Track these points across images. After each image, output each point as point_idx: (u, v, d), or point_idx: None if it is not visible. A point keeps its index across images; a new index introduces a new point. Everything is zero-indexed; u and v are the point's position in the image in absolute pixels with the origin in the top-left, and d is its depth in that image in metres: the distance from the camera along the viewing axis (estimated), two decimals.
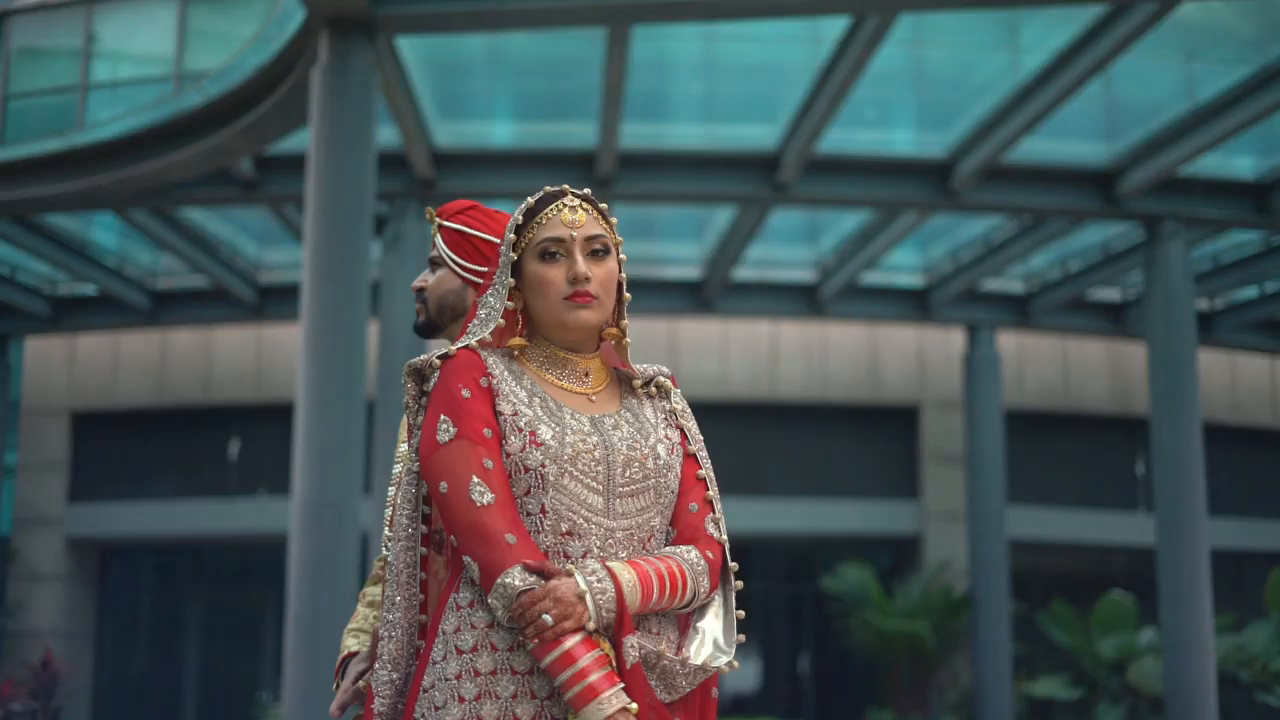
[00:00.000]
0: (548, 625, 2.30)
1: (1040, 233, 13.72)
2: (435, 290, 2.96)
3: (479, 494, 2.39)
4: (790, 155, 11.80)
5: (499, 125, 13.11)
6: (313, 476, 8.48)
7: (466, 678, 2.37)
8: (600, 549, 2.44)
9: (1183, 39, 10.98)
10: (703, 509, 2.59)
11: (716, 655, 2.48)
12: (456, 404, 2.46)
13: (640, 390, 2.67)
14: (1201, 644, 11.78)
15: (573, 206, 2.58)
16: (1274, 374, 18.93)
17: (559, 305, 2.54)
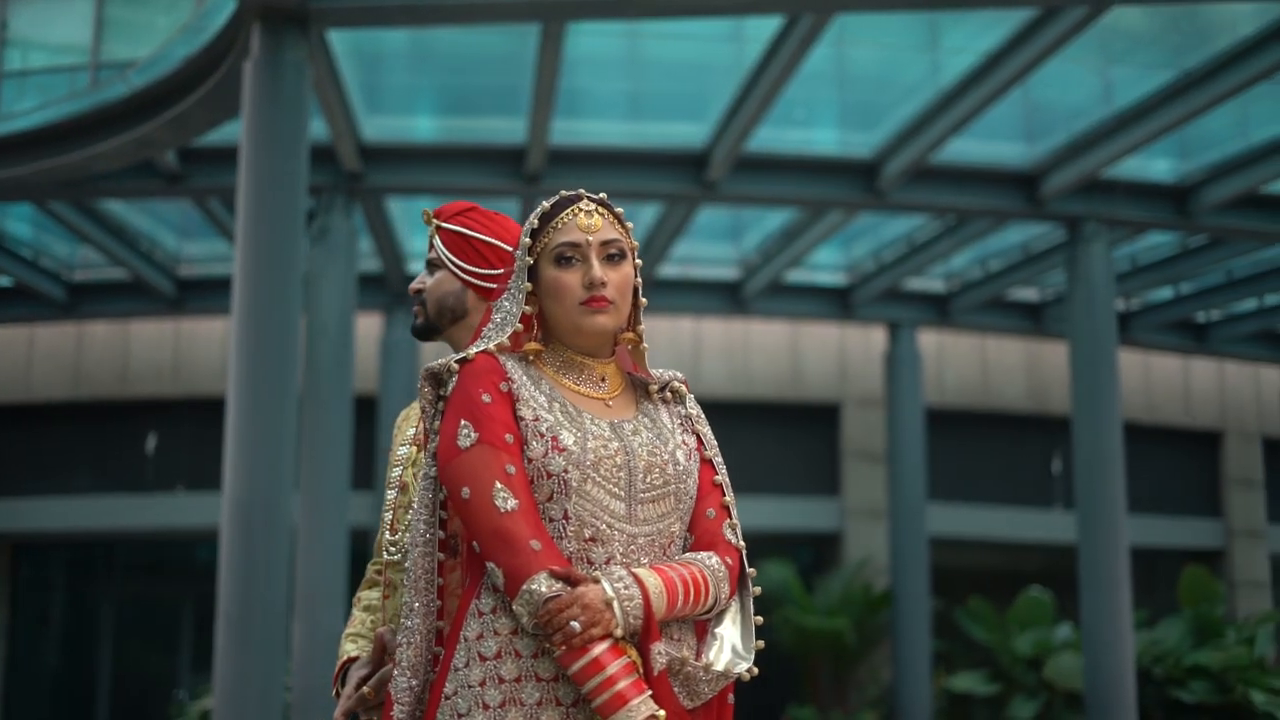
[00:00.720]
0: (575, 632, 2.30)
1: (962, 233, 13.84)
2: (434, 292, 2.95)
3: (502, 500, 2.37)
4: (719, 154, 11.83)
5: (427, 119, 13.04)
6: (243, 472, 8.40)
7: (490, 684, 2.36)
8: (623, 555, 2.44)
9: (1105, 44, 11.13)
10: (720, 515, 2.60)
11: (736, 661, 2.50)
12: (477, 409, 2.45)
13: (655, 395, 2.67)
14: (1120, 641, 11.94)
15: (588, 211, 2.59)
16: (1187, 374, 19.23)
17: (575, 310, 2.54)
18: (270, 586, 8.33)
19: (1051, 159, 12.39)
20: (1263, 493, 19.36)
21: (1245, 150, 12.26)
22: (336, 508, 11.61)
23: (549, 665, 2.36)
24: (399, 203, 13.58)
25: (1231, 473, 19.21)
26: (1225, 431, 19.36)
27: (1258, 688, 14.65)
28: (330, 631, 11.48)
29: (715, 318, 17.28)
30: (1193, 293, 16.68)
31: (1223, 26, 10.81)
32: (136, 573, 19.16)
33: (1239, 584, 18.90)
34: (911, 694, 15.44)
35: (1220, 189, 12.55)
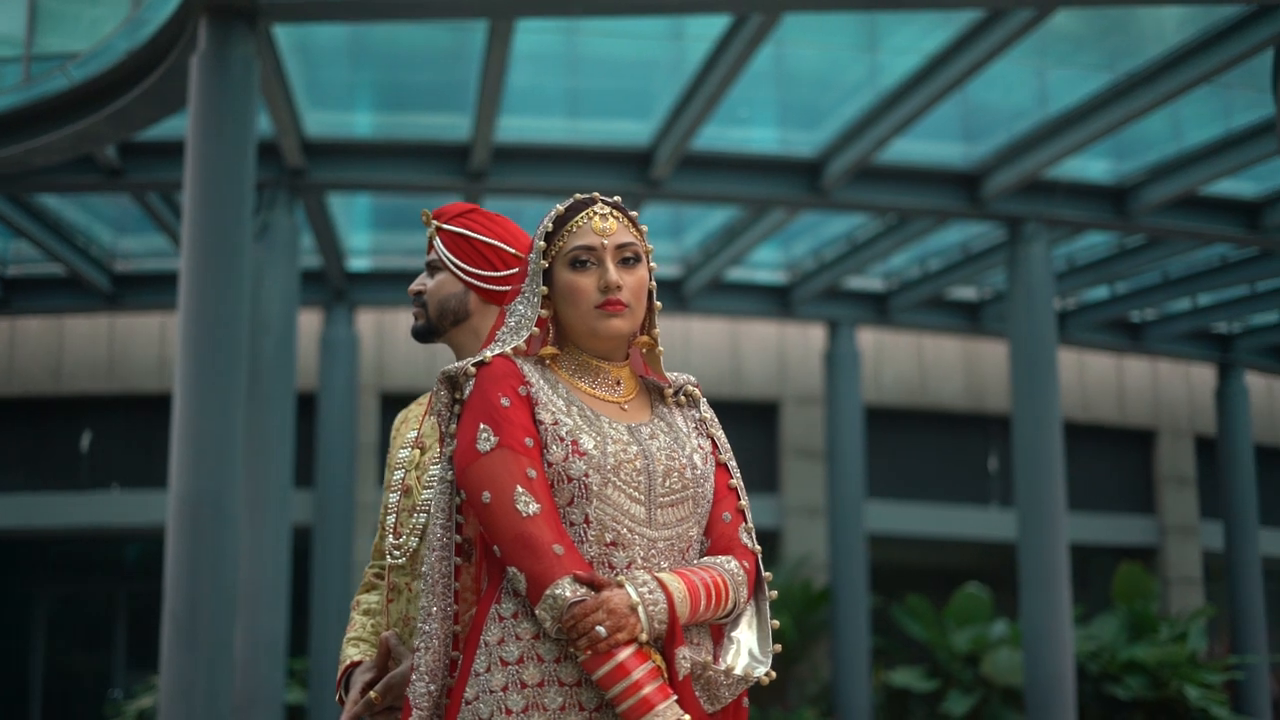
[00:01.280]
0: (601, 637, 2.29)
1: (903, 232, 13.92)
2: (436, 294, 2.92)
3: (524, 504, 2.36)
4: (664, 152, 11.84)
5: (370, 115, 12.97)
6: (190, 469, 8.32)
7: (513, 689, 2.35)
8: (643, 559, 2.44)
9: (1044, 47, 11.22)
10: (736, 518, 2.60)
11: (754, 665, 2.50)
12: (496, 413, 2.44)
13: (670, 399, 2.67)
14: (1060, 637, 12.04)
15: (603, 214, 2.57)
16: (1120, 373, 19.43)
17: (591, 314, 2.53)
18: (217, 585, 8.26)
19: (992, 160, 12.49)
20: (1195, 490, 19.60)
21: (1182, 152, 12.40)
22: (279, 506, 11.54)
23: (572, 670, 2.35)
24: (339, 198, 13.50)
25: (1164, 470, 19.44)
26: (1158, 430, 19.59)
27: (1192, 683, 14.87)
28: (272, 631, 11.42)
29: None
30: (1128, 292, 16.86)
31: (1158, 30, 10.94)
32: (70, 571, 18.95)
33: (1172, 580, 19.13)
34: (850, 690, 15.53)
35: (1158, 190, 12.70)
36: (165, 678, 8.25)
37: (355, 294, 15.52)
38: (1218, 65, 10.31)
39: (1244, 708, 16.67)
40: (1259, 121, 11.78)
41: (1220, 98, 11.92)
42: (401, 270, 15.98)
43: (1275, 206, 13.27)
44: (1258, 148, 11.87)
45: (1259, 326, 18.32)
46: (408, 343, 17.12)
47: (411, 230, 16.00)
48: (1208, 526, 19.47)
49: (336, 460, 14.94)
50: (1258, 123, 11.79)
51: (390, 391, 17.06)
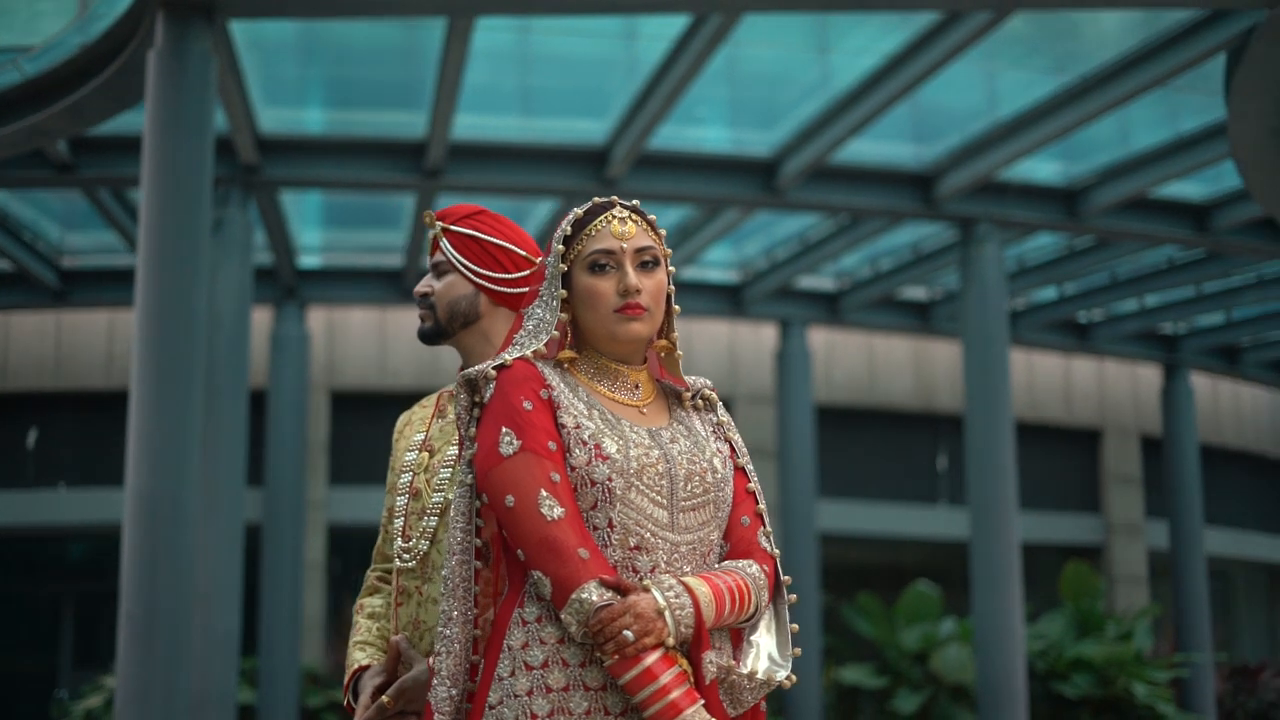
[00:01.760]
0: (629, 641, 2.28)
1: (855, 232, 13.98)
2: (446, 296, 2.90)
3: (548, 508, 2.36)
4: (620, 151, 11.84)
5: (325, 112, 12.90)
6: (147, 467, 8.24)
7: (538, 694, 2.35)
8: (666, 563, 2.43)
9: (999, 49, 11.28)
10: (754, 522, 2.60)
11: (775, 669, 2.50)
12: (518, 416, 2.43)
13: (687, 403, 2.67)
14: (1011, 635, 12.13)
15: (622, 218, 2.58)
16: (1068, 372, 19.59)
17: (610, 317, 2.53)
18: (174, 584, 8.19)
19: (945, 161, 12.56)
20: (1140, 489, 19.78)
21: (1133, 154, 12.52)
22: (232, 504, 11.47)
23: (597, 674, 2.35)
24: (290, 195, 13.43)
25: (1110, 469, 19.61)
26: (1104, 429, 19.75)
27: (1139, 681, 15.00)
28: (225, 630, 11.35)
29: None
30: (1077, 293, 17.00)
31: (1111, 34, 11.03)
32: (15, 570, 18.74)
33: (1118, 579, 19.30)
34: (801, 688, 15.57)
35: (1108, 192, 12.81)
36: (122, 678, 8.17)
37: (306, 291, 15.44)
38: (1170, 70, 10.40)
39: (1189, 705, 16.84)
40: (1208, 125, 11.90)
41: (1170, 101, 12.03)
42: (352, 268, 15.93)
43: (1223, 209, 13.41)
44: (1207, 150, 12.00)
45: (1205, 328, 18.53)
46: (359, 340, 17.06)
47: (362, 227, 15.95)
48: (1153, 525, 19.66)
49: (286, 458, 14.85)
50: (1207, 126, 11.92)
51: (341, 389, 16.98)
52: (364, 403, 17.06)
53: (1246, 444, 21.58)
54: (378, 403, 17.09)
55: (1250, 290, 16.53)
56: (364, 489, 16.73)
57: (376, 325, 17.15)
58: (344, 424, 16.88)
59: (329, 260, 16.16)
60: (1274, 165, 11.43)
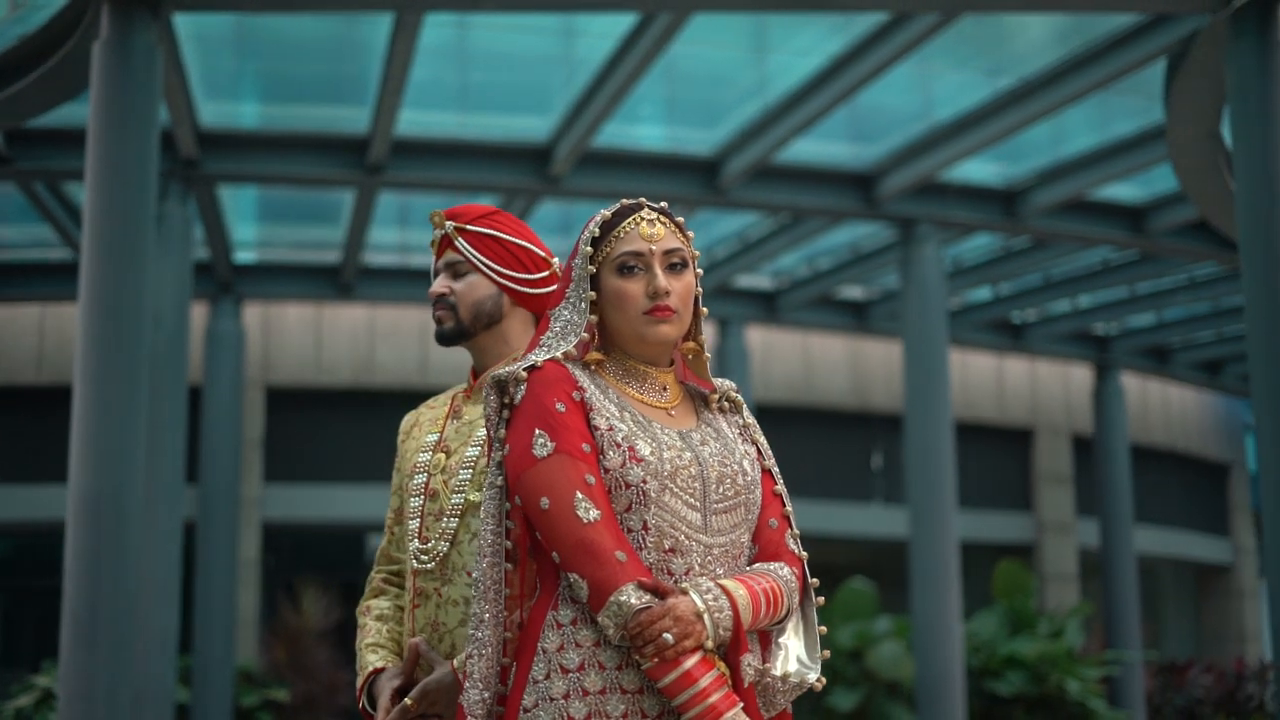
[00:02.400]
0: (669, 644, 2.27)
1: (795, 231, 14.04)
2: (469, 296, 2.87)
3: (584, 510, 2.35)
4: (563, 148, 11.82)
5: (266, 106, 12.79)
6: (91, 465, 8.13)
7: (575, 697, 2.33)
8: (700, 566, 2.43)
9: (941, 52, 11.35)
10: (782, 525, 2.60)
11: (805, 671, 2.50)
12: (552, 418, 2.42)
13: (714, 405, 2.66)
14: (949, 633, 12.22)
15: (650, 220, 2.57)
16: (1000, 372, 19.74)
17: (639, 319, 2.52)
18: (117, 583, 8.09)
19: (886, 162, 12.63)
20: (1071, 488, 19.98)
21: (1071, 156, 12.65)
22: (171, 502, 11.36)
23: (634, 677, 2.34)
24: (225, 190, 13.29)
25: (1042, 468, 19.79)
26: (1036, 428, 19.93)
27: (1071, 677, 15.13)
28: (164, 628, 11.24)
29: None
30: (1011, 294, 17.15)
31: (1051, 37, 11.13)
32: None
33: (1049, 577, 19.48)
34: None
35: (1046, 193, 12.93)
36: (65, 677, 8.07)
37: (242, 287, 15.30)
38: (1110, 74, 10.51)
39: (1119, 702, 17.03)
40: (1146, 128, 12.04)
41: (1107, 104, 12.18)
42: (288, 263, 15.80)
43: (1159, 211, 13.57)
44: (1144, 153, 12.14)
45: (1136, 328, 18.75)
46: (295, 336, 16.93)
47: (299, 222, 15.83)
48: (1084, 524, 19.87)
49: (221, 456, 14.71)
50: (1144, 129, 12.06)
51: (276, 386, 16.84)
52: (299, 399, 16.93)
53: (1174, 443, 21.85)
54: (313, 399, 16.98)
55: (1182, 291, 16.75)
56: (299, 486, 16.63)
57: (312, 321, 17.02)
58: (279, 421, 16.74)
59: (265, 256, 16.03)
60: (1211, 168, 11.58)
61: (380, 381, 17.03)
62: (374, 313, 17.03)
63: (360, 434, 16.98)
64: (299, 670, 14.77)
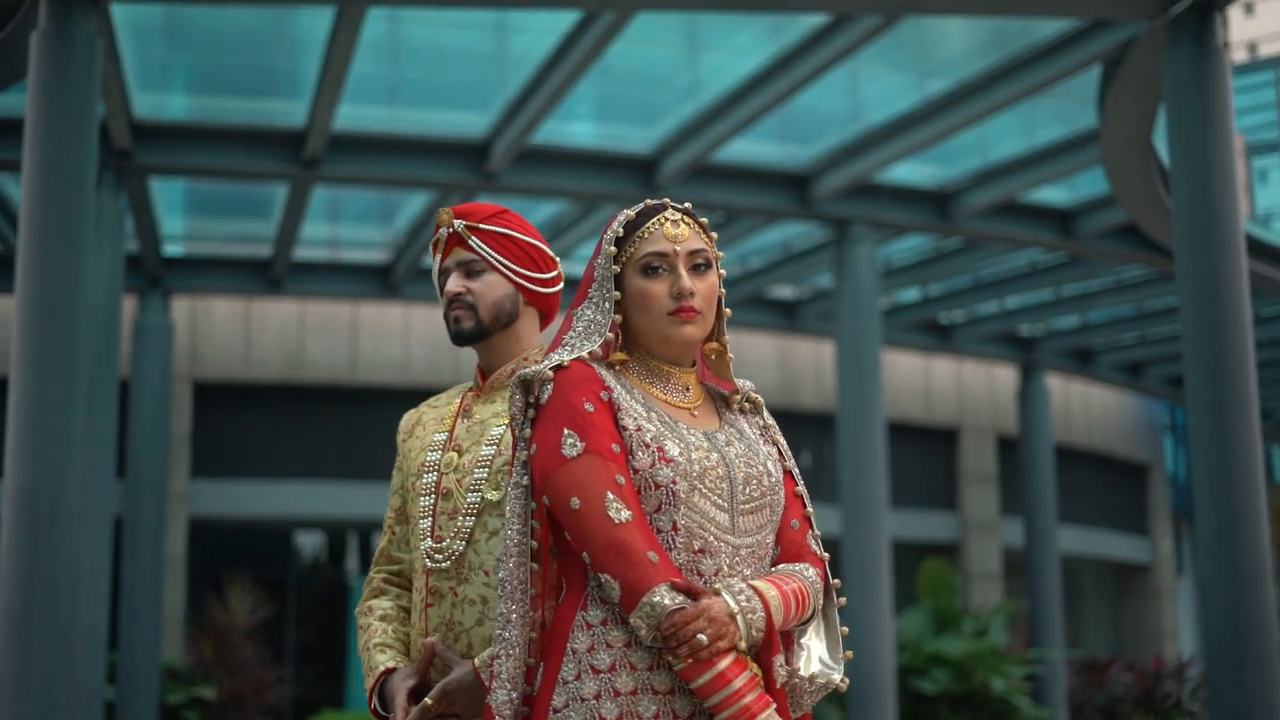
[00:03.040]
0: (703, 645, 2.27)
1: (729, 230, 14.08)
2: (488, 296, 2.84)
3: (615, 511, 2.34)
4: (501, 145, 11.79)
5: (200, 99, 12.66)
6: (27, 461, 8.02)
7: (606, 698, 2.33)
8: (729, 567, 2.43)
9: (880, 54, 11.43)
10: (804, 525, 2.62)
11: (828, 672, 2.52)
12: (581, 418, 2.41)
13: (735, 405, 2.66)
14: (881, 632, 12.29)
15: (675, 220, 2.58)
16: (927, 372, 19.90)
17: (663, 320, 2.52)
18: (54, 581, 7.99)
19: (821, 162, 12.69)
20: (996, 487, 20.18)
21: (1003, 159, 12.77)
22: (103, 498, 11.22)
23: (665, 678, 2.34)
24: (155, 182, 13.14)
25: (967, 468, 19.97)
26: (962, 428, 20.11)
27: (996, 675, 15.28)
28: (94, 626, 11.10)
29: None
30: (940, 295, 17.29)
31: (989, 41, 11.24)
32: None
33: (973, 576, 19.66)
34: None
35: (979, 196, 13.05)
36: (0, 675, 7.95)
37: (170, 280, 15.14)
38: (1045, 79, 10.62)
39: (1042, 700, 17.21)
40: (1077, 132, 12.19)
41: (1041, 108, 12.31)
42: (217, 256, 15.65)
43: (1088, 214, 13.73)
44: (1075, 157, 12.29)
45: (1061, 330, 18.95)
46: (223, 331, 16.77)
47: (229, 216, 15.69)
48: (1008, 523, 20.06)
49: (149, 451, 14.52)
50: (1076, 133, 12.21)
51: (204, 380, 16.68)
52: (227, 394, 16.78)
53: (1096, 444, 22.13)
54: (241, 394, 16.83)
55: (1107, 294, 16.96)
56: (226, 482, 16.48)
57: (241, 316, 16.88)
58: (207, 416, 16.58)
59: (194, 249, 15.87)
60: (1142, 172, 11.75)
61: (310, 377, 16.91)
62: (304, 307, 16.92)
63: (289, 429, 16.87)
64: (226, 668, 14.64)
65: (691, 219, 2.61)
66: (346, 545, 18.94)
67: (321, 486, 16.81)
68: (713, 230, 10.13)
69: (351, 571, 18.79)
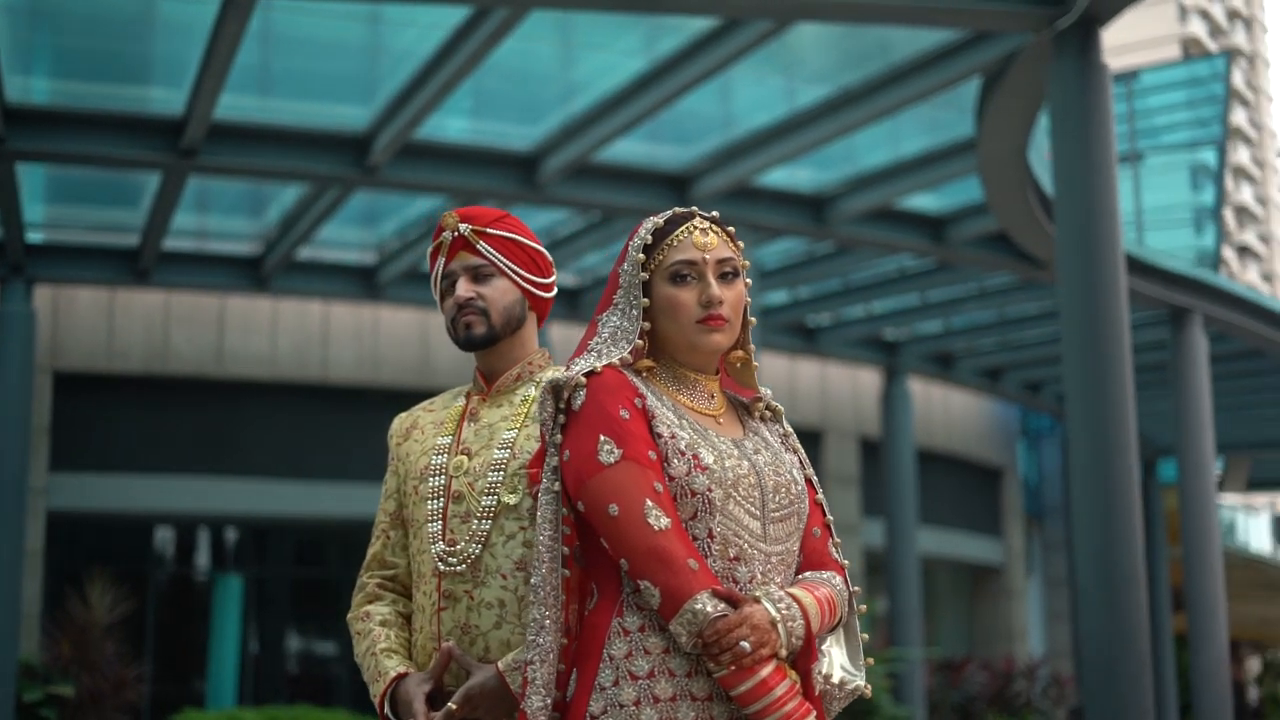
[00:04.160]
0: (746, 652, 2.28)
1: (605, 230, 14.12)
2: (499, 301, 2.82)
3: (655, 518, 2.34)
4: (384, 139, 11.69)
5: (74, 84, 12.37)
6: None
7: (645, 704, 2.33)
8: (761, 575, 2.44)
9: (763, 60, 11.54)
10: (825, 533, 2.64)
11: (851, 678, 2.54)
12: (617, 425, 2.40)
13: (756, 413, 2.67)
14: None
15: (703, 229, 2.59)
16: (792, 374, 20.10)
17: (691, 328, 2.53)
18: None
19: (702, 163, 12.78)
20: (858, 489, 20.44)
21: (879, 166, 12.96)
22: None
23: (704, 684, 2.34)
24: (20, 166, 12.82)
25: (831, 470, 20.20)
26: (825, 430, 20.34)
27: None
28: None
29: (345, 302, 17.03)
30: (809, 298, 17.49)
31: (872, 49, 11.40)
32: None
33: None
34: None
35: (854, 201, 13.23)
36: None
37: (33, 268, 14.77)
38: (926, 88, 10.81)
39: (901, 698, 17.46)
40: (953, 140, 12.41)
41: (917, 116, 12.50)
42: (82, 245, 15.31)
43: (958, 222, 13.98)
44: (950, 165, 12.52)
45: (925, 335, 19.27)
46: (86, 321, 16.41)
47: (94, 203, 15.37)
48: (869, 524, 20.33)
49: (7, 442, 14.15)
50: (952, 142, 12.43)
51: (65, 371, 16.29)
52: (89, 385, 16.42)
53: (954, 447, 22.52)
54: (103, 386, 16.49)
55: (971, 300, 17.27)
56: (87, 475, 16.13)
57: (105, 306, 16.53)
58: (67, 407, 16.21)
59: (56, 237, 15.50)
60: (1016, 182, 12.01)
61: (174, 369, 16.63)
62: (170, 298, 16.62)
63: (152, 423, 16.57)
64: (85, 665, 14.32)
65: (719, 227, 2.62)
66: (209, 542, 18.66)
67: (184, 481, 16.54)
68: (585, 229, 10.20)
69: (201, 568, 18.52)
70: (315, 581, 19.27)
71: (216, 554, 18.81)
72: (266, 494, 16.92)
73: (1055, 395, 22.43)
